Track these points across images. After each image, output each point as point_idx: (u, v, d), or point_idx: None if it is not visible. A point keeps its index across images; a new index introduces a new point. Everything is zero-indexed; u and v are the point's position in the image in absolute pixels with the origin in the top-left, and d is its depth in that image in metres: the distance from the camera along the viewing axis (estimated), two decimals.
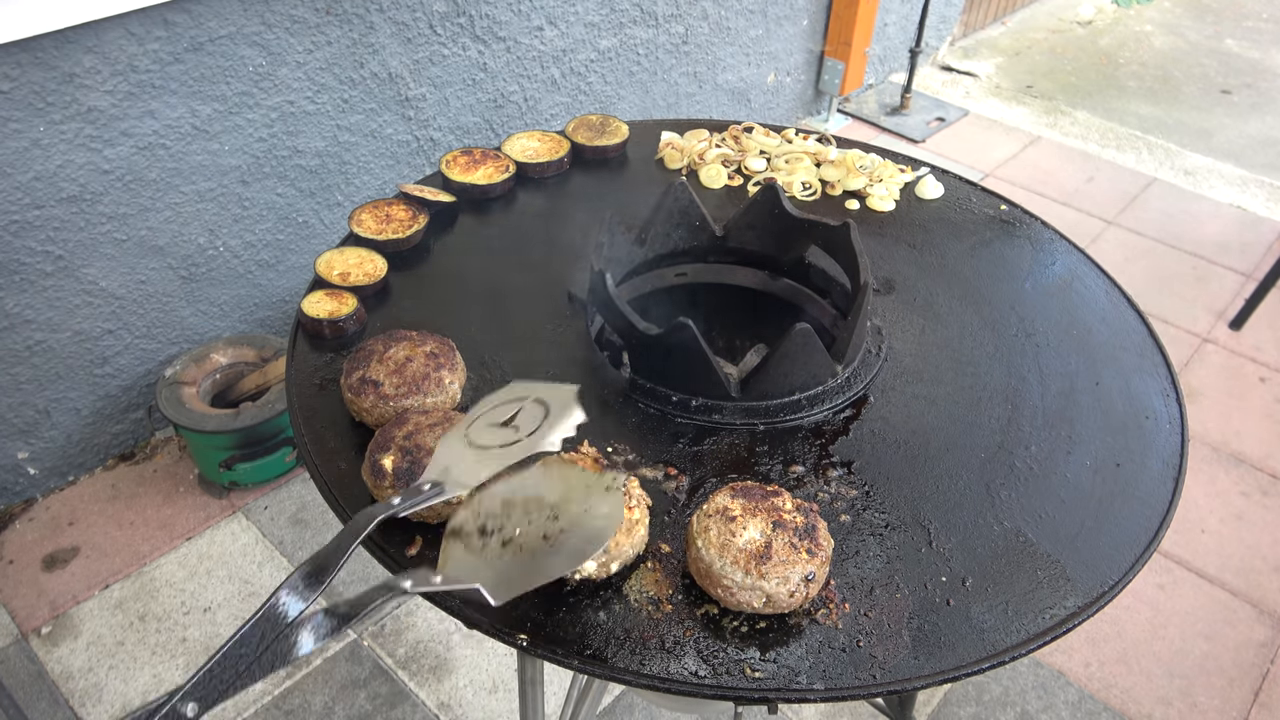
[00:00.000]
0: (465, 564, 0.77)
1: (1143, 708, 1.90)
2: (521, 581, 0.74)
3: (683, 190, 1.19)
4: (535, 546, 0.77)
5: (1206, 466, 2.48)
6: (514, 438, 0.81)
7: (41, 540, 2.13)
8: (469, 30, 2.44)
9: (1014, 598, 0.86)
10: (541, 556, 0.76)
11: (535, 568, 0.76)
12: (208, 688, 0.55)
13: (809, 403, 1.04)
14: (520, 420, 0.83)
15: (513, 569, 0.76)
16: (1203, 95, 4.50)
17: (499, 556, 0.77)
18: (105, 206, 1.97)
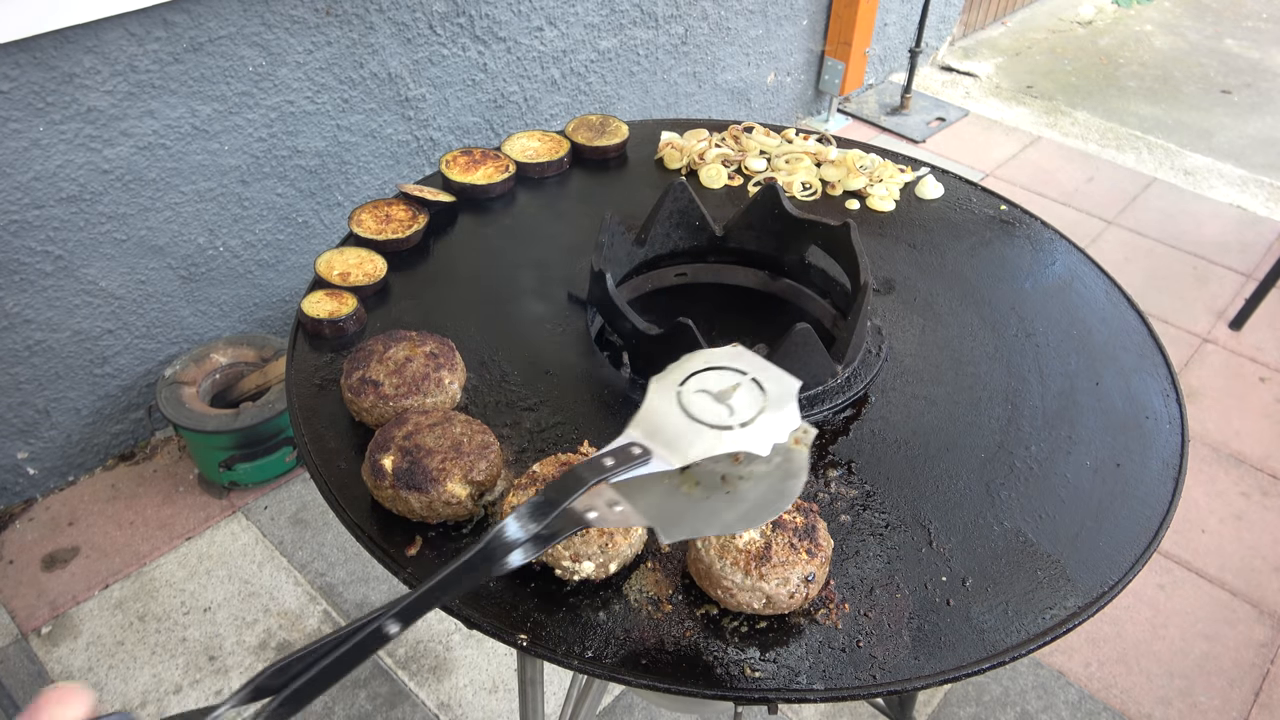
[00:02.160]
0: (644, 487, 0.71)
1: (1143, 708, 1.90)
2: (692, 525, 0.70)
3: (683, 190, 1.19)
4: (714, 486, 0.72)
5: (1206, 466, 2.47)
6: (727, 420, 0.72)
7: (41, 540, 2.13)
8: (469, 30, 2.44)
9: (1014, 598, 0.86)
10: (717, 503, 0.71)
11: (708, 514, 0.71)
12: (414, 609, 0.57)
13: (809, 403, 1.04)
14: (736, 401, 0.73)
15: (688, 507, 0.71)
16: (1203, 95, 4.50)
17: (678, 484, 0.73)
18: (105, 206, 1.97)
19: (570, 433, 1.00)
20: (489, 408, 1.03)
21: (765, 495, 0.71)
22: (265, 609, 2.02)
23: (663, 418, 0.73)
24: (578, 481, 0.68)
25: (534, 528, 0.64)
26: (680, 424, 0.72)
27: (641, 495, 0.71)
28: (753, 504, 0.71)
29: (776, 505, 0.71)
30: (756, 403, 0.73)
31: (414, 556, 0.86)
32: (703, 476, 0.72)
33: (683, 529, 0.70)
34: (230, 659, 1.92)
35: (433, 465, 0.86)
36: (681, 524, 0.70)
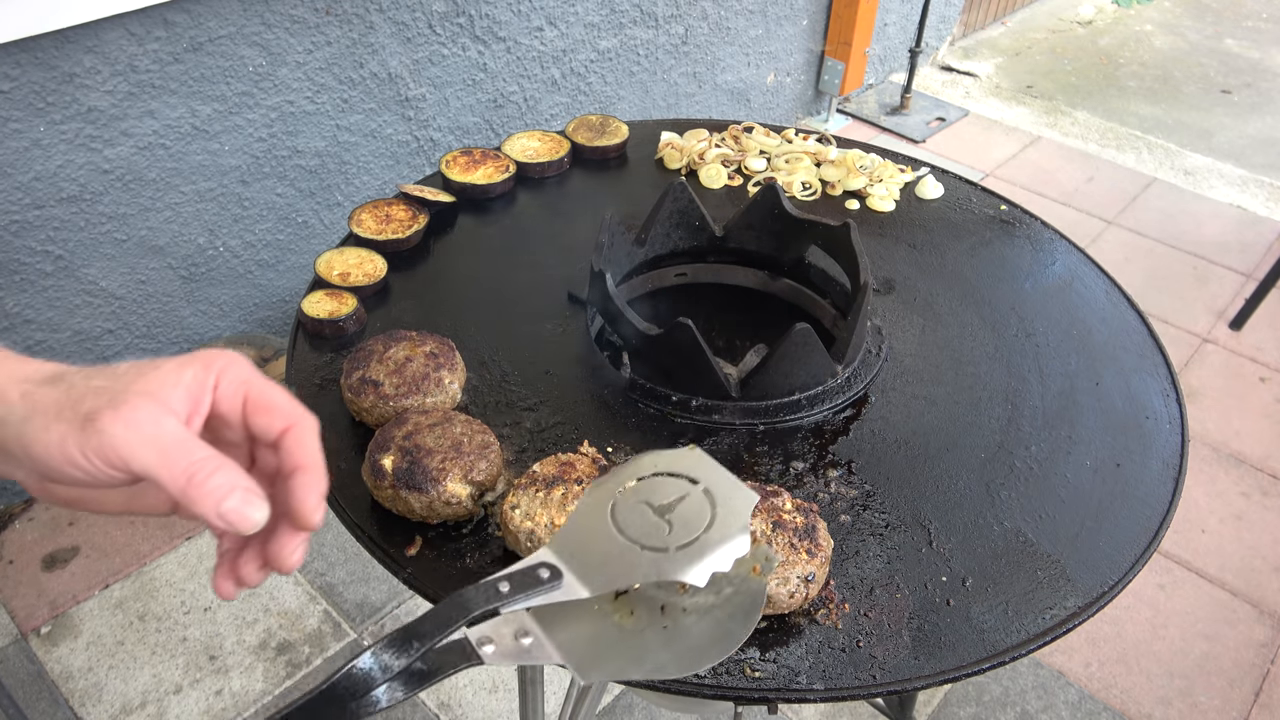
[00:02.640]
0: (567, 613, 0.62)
1: (1143, 708, 1.90)
2: (619, 665, 0.60)
3: (683, 190, 1.19)
4: (650, 619, 0.62)
5: (1206, 466, 2.48)
6: (661, 542, 0.62)
7: (41, 540, 2.13)
8: (469, 30, 2.44)
9: (1014, 598, 0.86)
10: (651, 638, 0.61)
11: (638, 651, 0.61)
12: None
13: (809, 403, 1.04)
14: (679, 515, 0.63)
15: (616, 640, 0.61)
16: (1203, 95, 4.50)
17: (607, 612, 0.63)
18: (105, 206, 1.97)
19: (570, 433, 1.01)
20: (489, 408, 1.03)
21: (710, 634, 0.61)
22: (265, 609, 2.02)
23: (588, 533, 0.63)
24: (458, 612, 0.57)
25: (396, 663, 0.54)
26: (606, 542, 0.62)
27: (562, 623, 0.61)
28: (693, 644, 0.61)
29: (721, 648, 0.61)
30: (702, 520, 0.63)
31: (414, 556, 0.86)
32: (639, 603, 0.63)
33: (604, 669, 0.60)
34: (230, 659, 1.92)
35: (433, 465, 0.86)
36: (604, 663, 0.60)
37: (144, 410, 0.48)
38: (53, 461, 0.48)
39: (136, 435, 0.47)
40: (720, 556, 0.60)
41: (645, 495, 0.65)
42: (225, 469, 0.49)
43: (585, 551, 0.62)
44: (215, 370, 0.52)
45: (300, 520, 0.52)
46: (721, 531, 0.62)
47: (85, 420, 0.47)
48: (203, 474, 0.48)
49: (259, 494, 0.50)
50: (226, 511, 0.48)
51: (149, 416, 0.48)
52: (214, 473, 0.48)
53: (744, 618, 0.62)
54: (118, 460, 0.47)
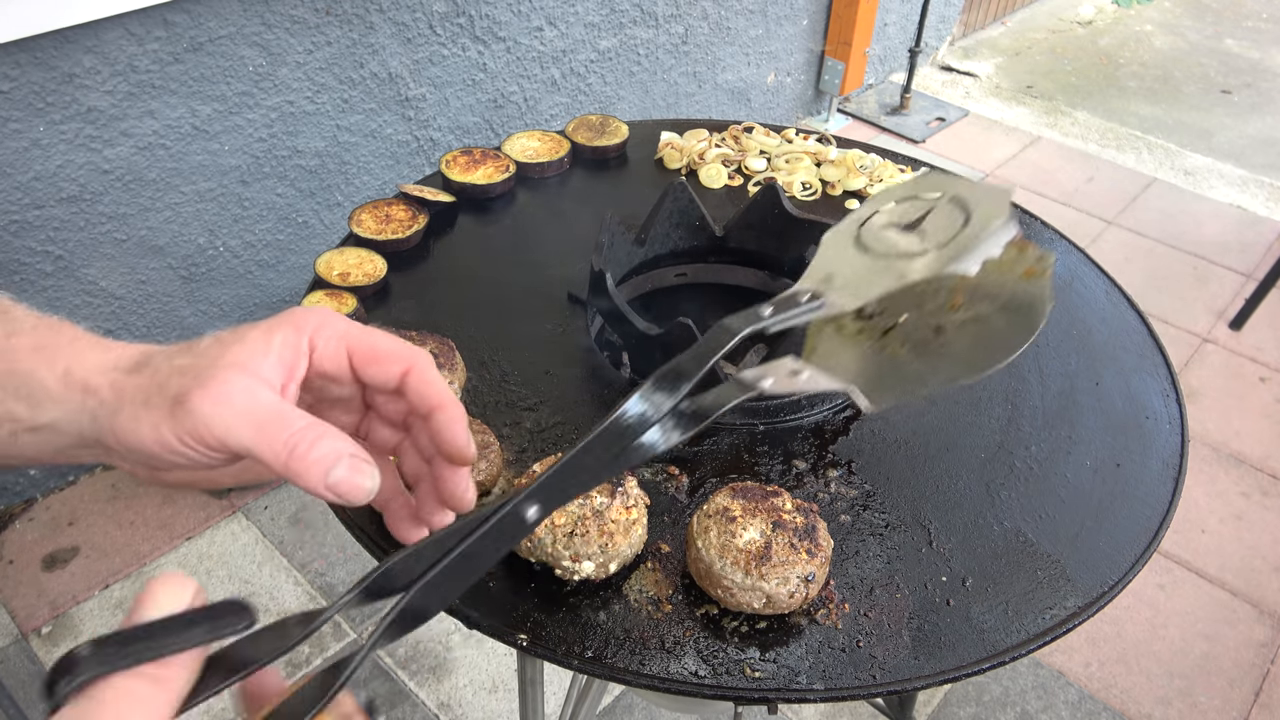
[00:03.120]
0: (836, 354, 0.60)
1: (1143, 708, 1.90)
2: (902, 386, 0.58)
3: (683, 190, 1.19)
4: (923, 340, 0.60)
5: (1206, 466, 2.48)
6: (918, 247, 0.60)
7: (41, 540, 2.13)
8: (469, 30, 2.44)
9: (1014, 598, 0.86)
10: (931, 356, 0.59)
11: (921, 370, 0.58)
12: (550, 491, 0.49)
13: (809, 402, 1.04)
14: (929, 225, 0.62)
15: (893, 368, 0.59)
16: (1203, 95, 4.50)
17: (878, 349, 0.61)
18: (105, 206, 1.97)
19: (570, 433, 1.01)
20: (489, 408, 1.03)
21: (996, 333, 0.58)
22: (265, 609, 2.02)
23: (837, 263, 0.61)
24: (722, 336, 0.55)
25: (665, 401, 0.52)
26: (861, 264, 0.61)
27: (835, 362, 0.59)
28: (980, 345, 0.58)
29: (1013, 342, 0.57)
30: (956, 221, 0.60)
31: None
32: (911, 332, 0.60)
33: (891, 390, 0.58)
34: None
35: None
36: (889, 385, 0.58)
37: (234, 384, 0.46)
38: (151, 450, 0.46)
39: (229, 411, 0.45)
40: (988, 243, 0.57)
41: (888, 220, 0.63)
42: (327, 437, 0.46)
43: (841, 275, 0.60)
44: (308, 331, 0.50)
45: (456, 457, 0.52)
46: (982, 222, 0.59)
47: (174, 403, 0.45)
48: (304, 445, 0.45)
49: (366, 459, 0.47)
50: (335, 483, 0.46)
51: (240, 390, 0.46)
52: (316, 442, 0.45)
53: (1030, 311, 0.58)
54: (214, 440, 0.45)
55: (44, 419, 0.48)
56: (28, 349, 0.49)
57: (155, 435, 0.46)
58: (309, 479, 0.45)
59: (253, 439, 0.45)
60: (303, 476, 0.45)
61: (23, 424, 0.48)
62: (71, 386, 0.48)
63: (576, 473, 0.51)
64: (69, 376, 0.48)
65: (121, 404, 0.47)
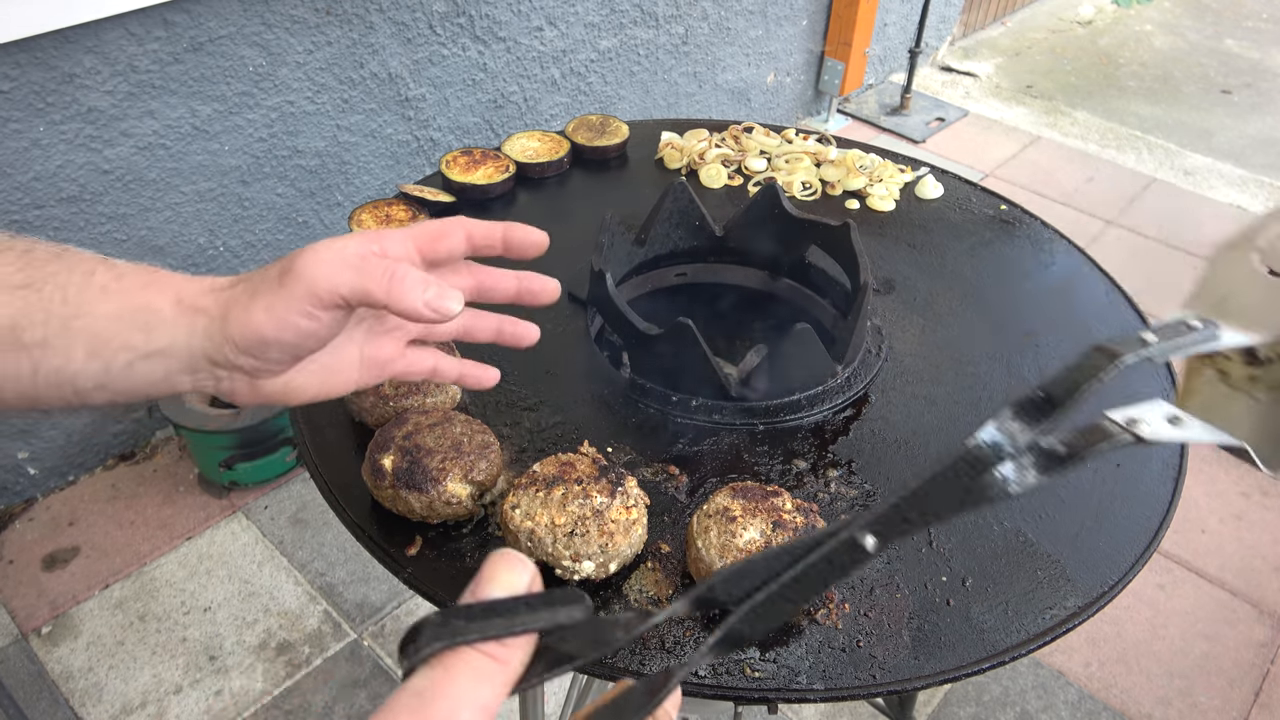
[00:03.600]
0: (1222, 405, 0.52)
1: (1143, 708, 1.90)
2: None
3: (683, 190, 1.19)
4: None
5: (1206, 466, 2.48)
6: None
7: (41, 540, 2.13)
8: (469, 30, 2.44)
9: (1014, 598, 0.86)
10: None
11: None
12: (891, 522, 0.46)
13: (809, 403, 1.04)
14: None
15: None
16: (1203, 95, 4.50)
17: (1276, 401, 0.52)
18: (105, 206, 1.97)
19: (570, 432, 1.01)
20: (489, 408, 1.03)
21: None
22: (265, 609, 2.02)
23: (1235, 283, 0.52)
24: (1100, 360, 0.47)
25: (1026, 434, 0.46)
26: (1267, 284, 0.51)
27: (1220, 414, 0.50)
28: None
29: None
30: None
31: (414, 556, 0.86)
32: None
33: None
34: (230, 659, 1.92)
35: (433, 465, 0.86)
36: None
37: (328, 248, 0.54)
38: (266, 331, 0.53)
39: (332, 262, 0.53)
40: None
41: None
42: (417, 270, 0.55)
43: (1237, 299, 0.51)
44: (374, 240, 0.57)
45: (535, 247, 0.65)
46: None
47: (281, 276, 0.53)
48: (400, 273, 0.54)
49: (451, 285, 0.56)
50: (431, 299, 0.54)
51: (335, 247, 0.54)
52: (409, 271, 0.54)
53: None
54: (325, 291, 0.52)
55: (159, 344, 0.53)
56: (139, 285, 0.54)
57: (270, 314, 0.53)
58: (410, 299, 0.53)
59: (355, 279, 0.53)
60: (404, 298, 0.53)
61: (138, 351, 0.53)
62: (183, 310, 0.54)
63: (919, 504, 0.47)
64: (180, 302, 0.54)
65: (229, 308, 0.53)
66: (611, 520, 0.81)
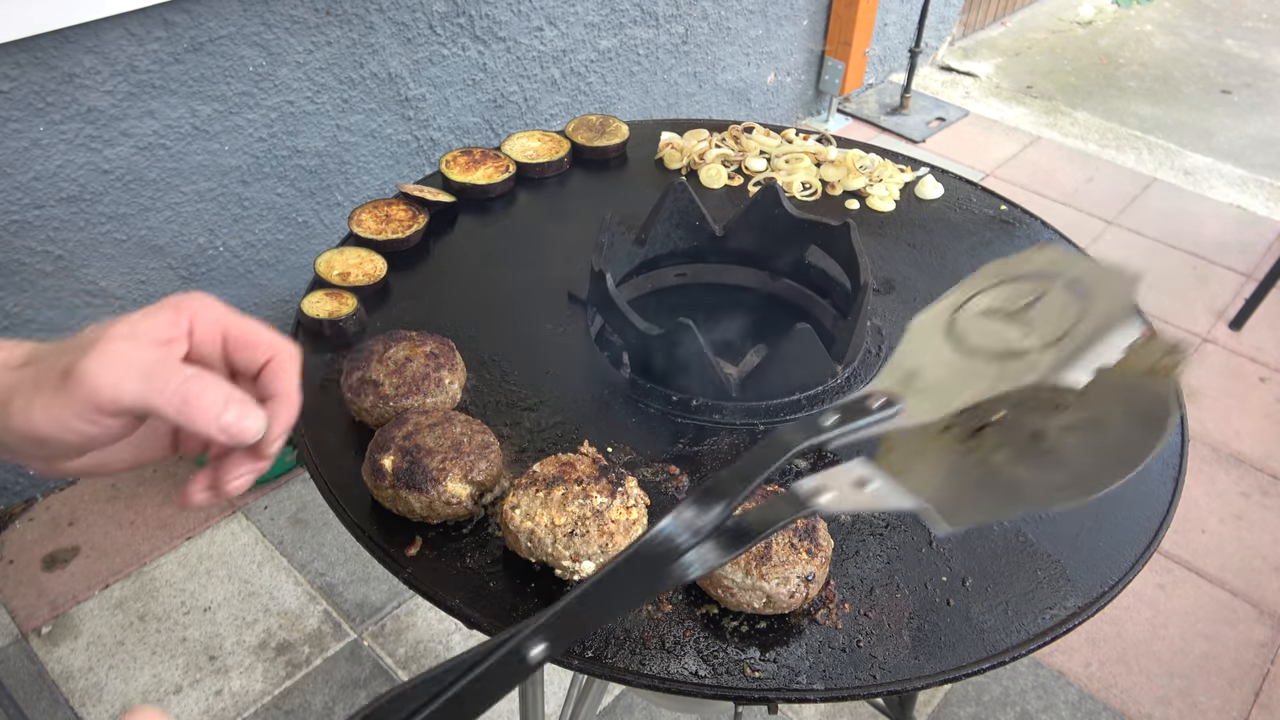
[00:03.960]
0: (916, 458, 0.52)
1: (1143, 708, 1.90)
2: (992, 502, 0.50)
3: (683, 190, 1.19)
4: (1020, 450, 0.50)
5: (1206, 466, 2.48)
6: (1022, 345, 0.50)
7: (41, 540, 2.13)
8: (469, 30, 2.44)
9: (1014, 598, 0.86)
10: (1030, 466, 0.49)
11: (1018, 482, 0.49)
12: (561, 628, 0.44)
13: (809, 403, 1.04)
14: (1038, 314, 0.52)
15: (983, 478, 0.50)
16: (1203, 95, 4.50)
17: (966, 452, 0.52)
18: (105, 206, 1.97)
19: (570, 433, 1.01)
20: (489, 408, 1.03)
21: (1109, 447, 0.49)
22: (265, 609, 2.02)
23: (922, 355, 0.53)
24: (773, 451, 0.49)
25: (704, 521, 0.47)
26: (949, 362, 0.52)
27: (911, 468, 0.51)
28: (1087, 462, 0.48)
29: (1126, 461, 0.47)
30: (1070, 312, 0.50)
31: (414, 556, 0.86)
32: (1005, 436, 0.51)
33: (974, 510, 0.50)
34: (230, 659, 1.92)
35: (433, 465, 0.86)
36: (972, 503, 0.49)
37: (118, 346, 0.47)
38: (45, 432, 0.47)
39: (119, 368, 0.46)
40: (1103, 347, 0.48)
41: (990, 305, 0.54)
42: (216, 383, 0.49)
43: (921, 378, 0.52)
44: (187, 312, 0.51)
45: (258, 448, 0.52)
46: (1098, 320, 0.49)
47: (63, 376, 0.46)
48: (196, 390, 0.47)
49: (253, 402, 0.50)
50: (228, 424, 0.48)
51: (125, 350, 0.47)
52: (207, 388, 0.48)
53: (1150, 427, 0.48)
54: (107, 401, 0.46)
55: None
56: None
57: (47, 415, 0.47)
58: (203, 421, 0.48)
59: (144, 390, 0.46)
60: (197, 420, 0.47)
61: None
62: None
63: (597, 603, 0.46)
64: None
65: (11, 395, 0.48)
66: (611, 520, 0.81)
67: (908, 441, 0.53)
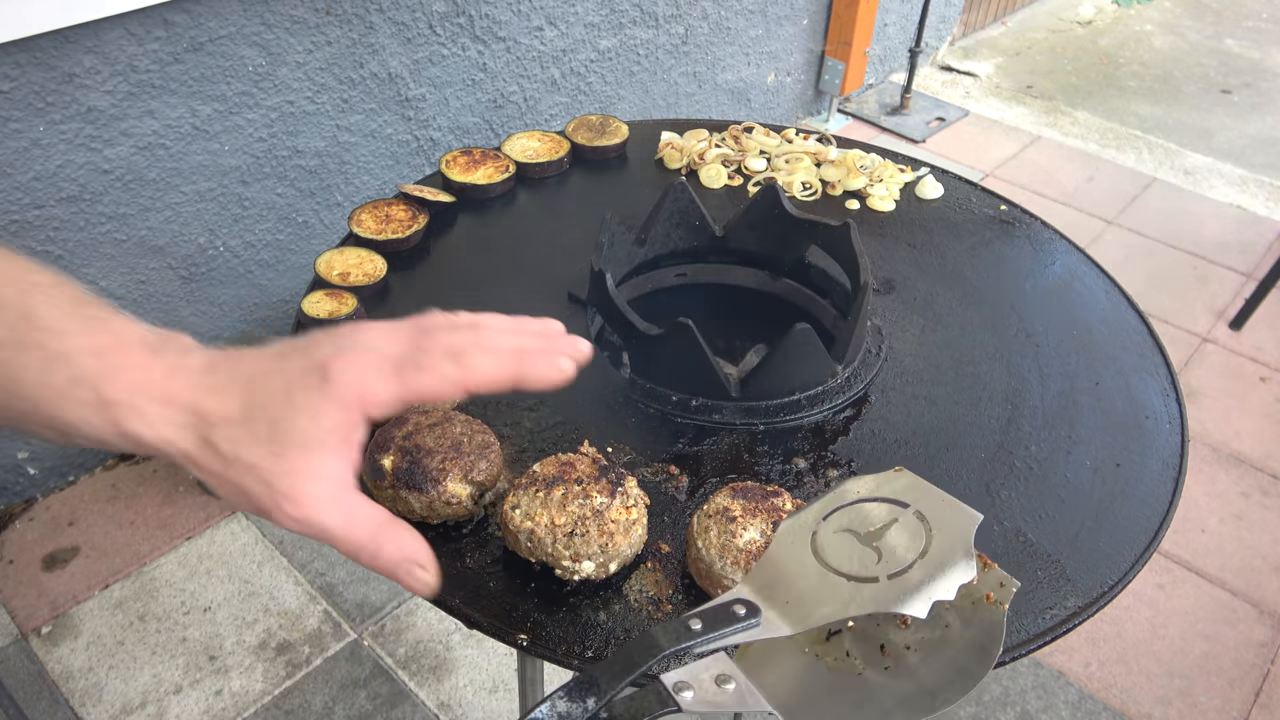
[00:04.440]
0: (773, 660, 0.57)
1: (1143, 708, 1.90)
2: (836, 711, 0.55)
3: (683, 190, 1.19)
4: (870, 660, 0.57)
5: (1206, 466, 2.48)
6: (870, 571, 0.56)
7: (41, 540, 2.13)
8: (469, 30, 2.44)
9: (1014, 598, 0.85)
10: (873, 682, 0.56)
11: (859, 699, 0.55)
12: None
13: (809, 403, 1.04)
14: (889, 540, 0.58)
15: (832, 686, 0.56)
16: (1203, 95, 4.50)
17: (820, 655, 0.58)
18: (105, 206, 1.97)
19: (570, 433, 1.01)
20: (489, 408, 1.03)
21: (942, 673, 0.56)
22: (265, 609, 2.02)
23: (786, 567, 0.58)
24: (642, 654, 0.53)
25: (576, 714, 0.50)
26: (808, 575, 0.57)
27: (768, 669, 0.56)
28: (923, 684, 0.55)
29: (957, 688, 0.55)
30: (916, 545, 0.57)
31: None
32: (855, 644, 0.58)
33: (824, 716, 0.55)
34: (230, 659, 1.92)
35: (432, 465, 0.86)
36: (822, 712, 0.55)
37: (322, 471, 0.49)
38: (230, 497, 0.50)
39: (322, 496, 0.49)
40: (942, 584, 0.54)
41: (849, 523, 0.60)
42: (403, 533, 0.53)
43: (784, 586, 0.57)
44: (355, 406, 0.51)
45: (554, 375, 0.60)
46: (940, 557, 0.56)
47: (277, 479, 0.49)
48: (386, 537, 0.52)
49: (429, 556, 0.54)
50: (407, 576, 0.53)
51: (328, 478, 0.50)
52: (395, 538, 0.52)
53: (981, 653, 0.56)
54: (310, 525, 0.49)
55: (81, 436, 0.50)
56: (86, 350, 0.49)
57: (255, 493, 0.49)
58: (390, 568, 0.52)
59: (342, 530, 0.50)
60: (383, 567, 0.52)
61: None
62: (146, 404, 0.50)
63: None
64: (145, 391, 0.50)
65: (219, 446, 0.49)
66: (611, 520, 0.81)
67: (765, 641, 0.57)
